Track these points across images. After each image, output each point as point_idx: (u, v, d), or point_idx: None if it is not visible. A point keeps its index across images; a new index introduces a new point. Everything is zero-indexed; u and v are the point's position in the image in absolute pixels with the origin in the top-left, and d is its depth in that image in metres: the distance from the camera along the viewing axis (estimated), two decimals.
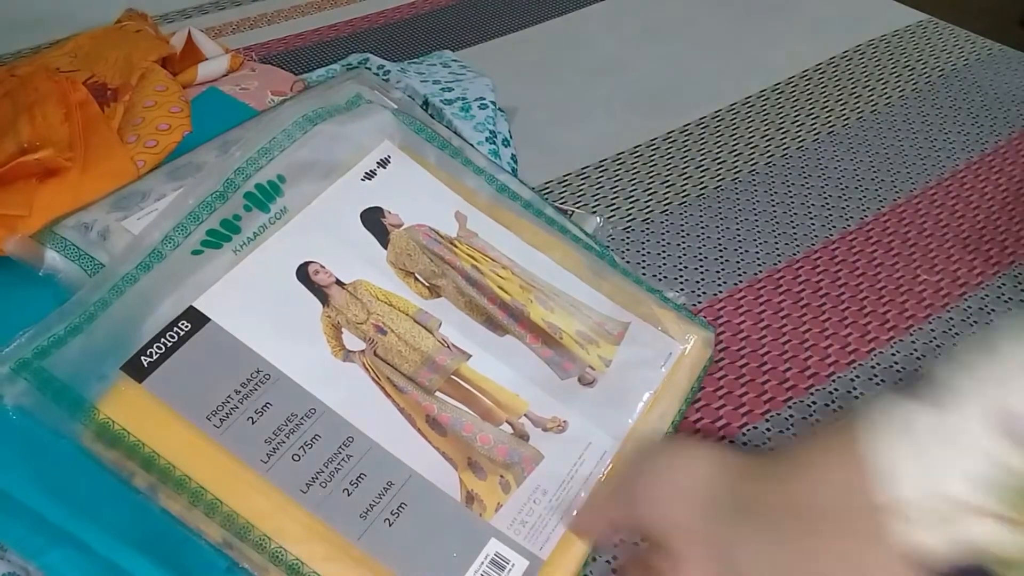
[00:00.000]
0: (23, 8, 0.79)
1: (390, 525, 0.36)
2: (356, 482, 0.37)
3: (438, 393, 0.41)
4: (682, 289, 0.55)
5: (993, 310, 0.57)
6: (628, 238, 0.60)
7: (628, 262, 0.54)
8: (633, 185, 0.65)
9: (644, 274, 0.56)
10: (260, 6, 0.84)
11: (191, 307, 0.39)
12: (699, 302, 0.56)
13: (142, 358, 0.37)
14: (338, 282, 0.43)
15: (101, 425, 0.36)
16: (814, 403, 0.51)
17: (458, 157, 0.50)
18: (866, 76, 0.78)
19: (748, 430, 0.49)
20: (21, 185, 0.48)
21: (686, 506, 0.33)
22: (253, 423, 0.37)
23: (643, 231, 0.61)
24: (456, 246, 0.47)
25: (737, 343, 0.54)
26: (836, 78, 0.78)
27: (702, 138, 0.70)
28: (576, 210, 0.59)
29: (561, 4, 0.87)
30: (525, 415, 0.42)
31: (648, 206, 0.63)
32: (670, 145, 0.69)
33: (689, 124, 0.72)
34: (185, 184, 0.46)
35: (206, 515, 0.35)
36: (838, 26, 0.85)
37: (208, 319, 0.39)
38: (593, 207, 0.63)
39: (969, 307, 0.57)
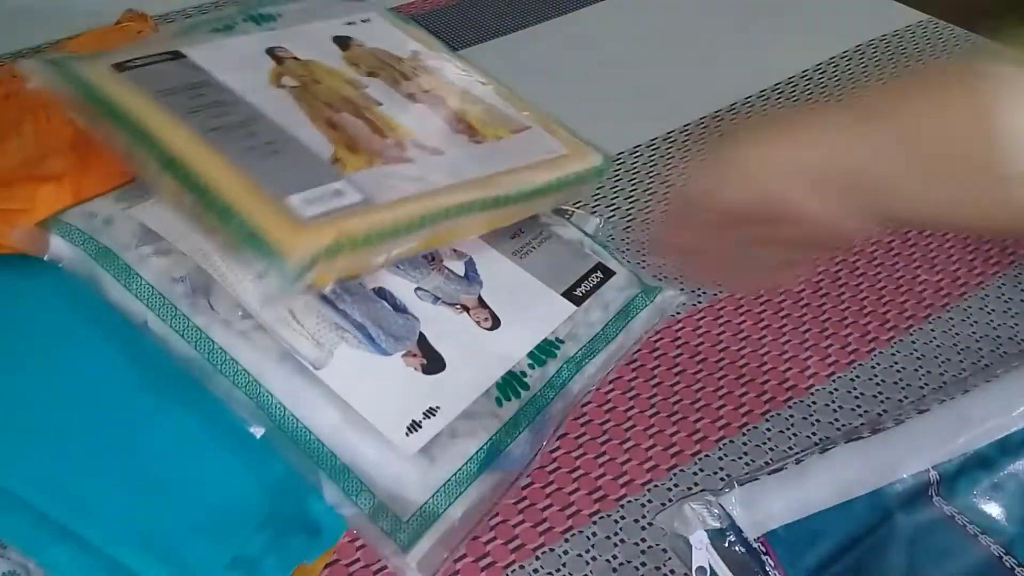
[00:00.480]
0: (23, 8, 0.80)
1: (262, 158, 0.44)
2: (248, 135, 0.45)
3: (344, 114, 0.49)
4: (682, 289, 0.55)
5: (993, 310, 0.57)
6: (628, 238, 0.60)
7: (628, 262, 0.54)
8: (633, 185, 0.65)
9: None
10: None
11: (176, 50, 0.50)
12: (700, 302, 0.56)
13: (127, 63, 0.48)
14: (294, 57, 0.53)
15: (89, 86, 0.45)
16: (814, 403, 0.51)
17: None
18: (866, 76, 0.78)
19: (748, 430, 0.49)
20: (24, 182, 0.48)
21: (806, 158, 0.34)
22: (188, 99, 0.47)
23: (643, 231, 0.61)
24: (402, 60, 0.57)
25: (737, 343, 0.54)
26: (836, 78, 0.78)
27: (702, 138, 0.70)
28: (576, 210, 0.59)
29: (561, 4, 0.87)
30: (411, 139, 0.49)
31: (648, 206, 0.63)
32: (670, 145, 0.69)
33: (689, 124, 0.72)
34: None
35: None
36: (838, 26, 0.85)
37: (185, 56, 0.50)
38: (593, 207, 0.63)
39: (969, 307, 0.57)
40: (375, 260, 0.43)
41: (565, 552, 0.43)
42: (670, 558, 0.43)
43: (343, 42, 0.56)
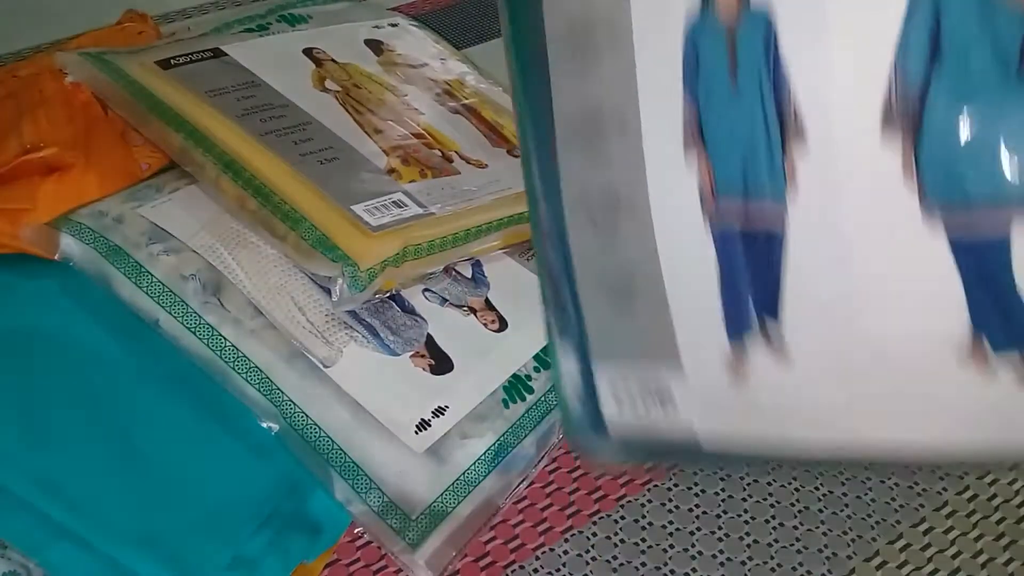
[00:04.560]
0: (23, 7, 0.79)
1: (321, 164, 0.46)
2: (304, 140, 0.47)
3: (390, 122, 0.51)
4: None
5: None
6: None
7: None
8: None
9: None
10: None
11: (217, 48, 0.51)
12: None
13: (171, 60, 0.49)
14: (333, 60, 0.54)
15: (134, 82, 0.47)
16: None
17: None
18: None
19: None
20: (25, 181, 0.48)
21: None
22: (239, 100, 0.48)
23: None
24: (433, 68, 0.58)
25: None
26: None
27: None
28: None
29: None
30: (456, 151, 0.51)
31: None
32: None
33: None
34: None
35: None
36: None
37: (226, 54, 0.51)
38: None
39: None
40: (431, 270, 0.45)
41: (565, 552, 0.43)
42: (671, 558, 0.44)
43: (376, 46, 0.57)
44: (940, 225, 0.29)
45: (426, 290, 0.47)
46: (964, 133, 0.28)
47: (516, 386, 0.45)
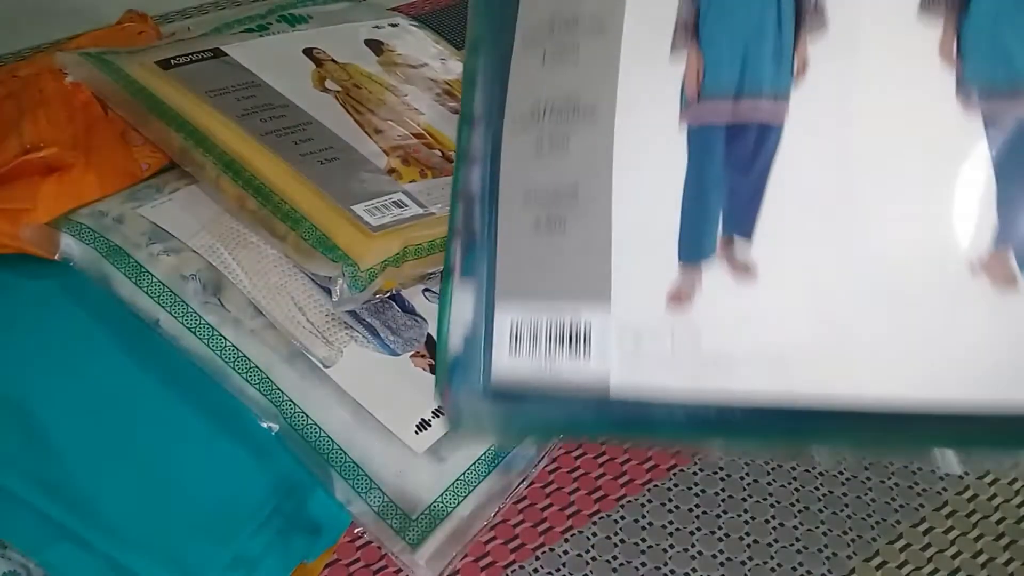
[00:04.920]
0: (23, 7, 0.79)
1: (321, 164, 0.45)
2: (304, 140, 0.46)
3: (390, 122, 0.51)
4: None
5: None
6: None
7: None
8: None
9: None
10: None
11: (217, 48, 0.51)
12: None
13: (171, 60, 0.49)
14: (333, 60, 0.54)
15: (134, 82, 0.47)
16: None
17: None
18: None
19: None
20: (25, 181, 0.48)
21: None
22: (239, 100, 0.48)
23: None
24: (433, 68, 0.58)
25: None
26: None
27: None
28: None
29: None
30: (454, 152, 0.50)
31: None
32: None
33: None
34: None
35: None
36: None
37: (227, 54, 0.51)
38: None
39: None
40: (431, 270, 0.45)
41: (565, 552, 0.43)
42: (671, 558, 0.44)
43: (376, 46, 0.57)
44: (977, 113, 0.26)
45: (426, 290, 0.47)
46: (1017, 13, 0.26)
47: None
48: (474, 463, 0.42)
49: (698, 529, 0.45)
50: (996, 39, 0.26)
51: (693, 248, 0.29)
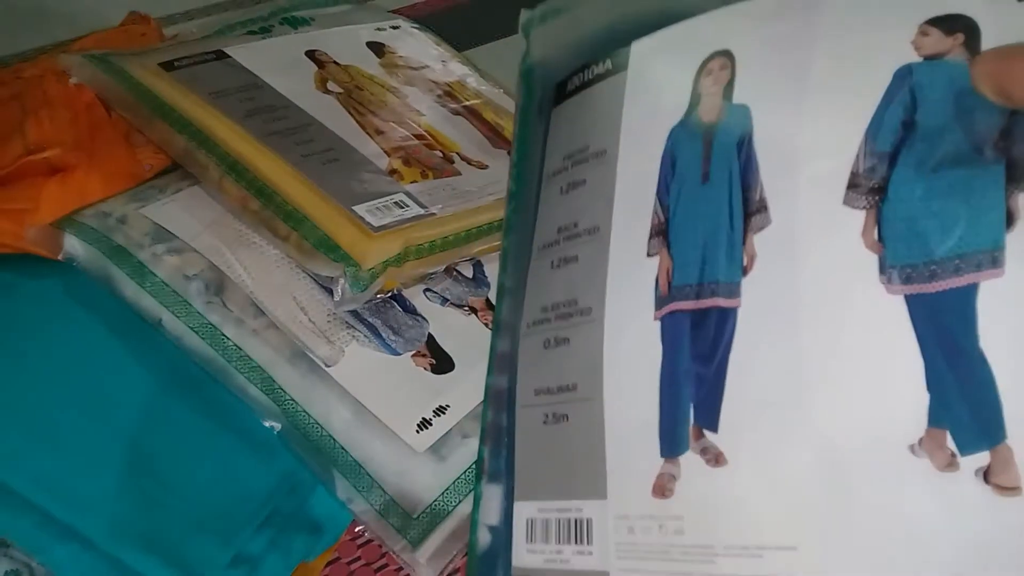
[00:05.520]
0: (26, 8, 0.79)
1: (323, 165, 0.46)
2: (306, 141, 0.47)
3: (391, 123, 0.51)
4: None
5: None
6: None
7: None
8: None
9: None
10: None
11: (219, 50, 0.51)
12: None
13: (174, 62, 0.49)
14: (335, 62, 0.54)
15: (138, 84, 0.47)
16: None
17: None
18: None
19: None
20: (28, 182, 0.48)
21: None
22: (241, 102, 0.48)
23: None
24: (434, 70, 0.59)
25: None
26: None
27: None
28: None
29: None
30: (457, 152, 0.52)
31: None
32: None
33: None
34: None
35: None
36: None
37: (229, 56, 0.51)
38: None
39: None
40: (432, 270, 0.45)
41: None
42: None
43: (378, 48, 0.58)
44: (899, 291, 0.28)
45: (427, 290, 0.47)
46: (930, 199, 0.28)
47: None
48: (475, 462, 0.42)
49: None
50: (911, 223, 0.28)
51: (670, 442, 0.31)
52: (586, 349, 0.34)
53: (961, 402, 0.26)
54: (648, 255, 0.33)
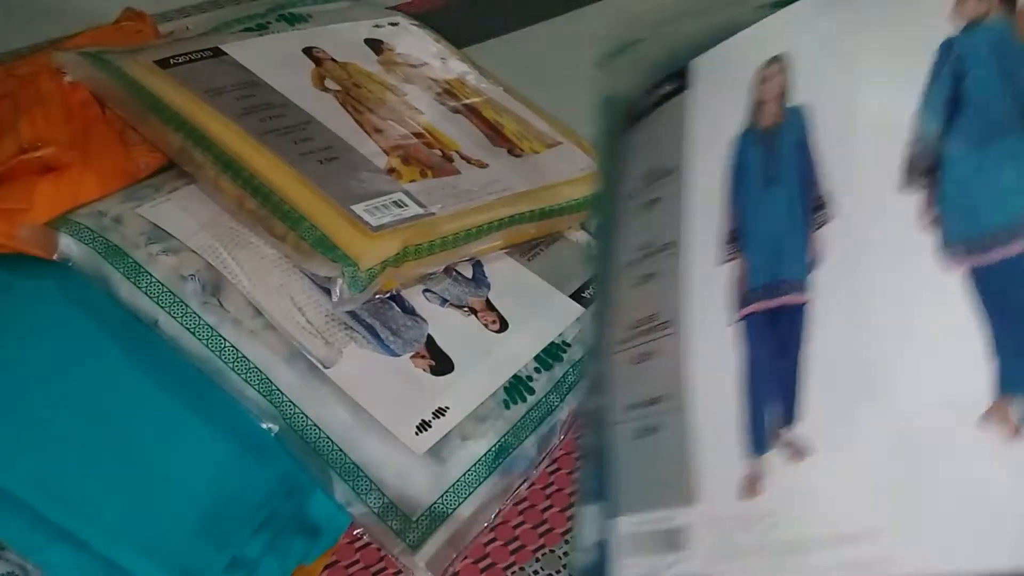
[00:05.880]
0: (21, 6, 0.79)
1: (321, 163, 0.46)
2: (303, 139, 0.46)
3: (390, 121, 0.51)
4: None
5: None
6: None
7: None
8: None
9: None
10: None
11: (216, 47, 0.50)
12: None
13: (170, 59, 0.49)
14: (333, 59, 0.54)
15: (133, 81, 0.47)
16: None
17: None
18: None
19: None
20: (22, 181, 0.48)
21: None
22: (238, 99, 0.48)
23: None
24: (433, 67, 0.59)
25: None
26: None
27: None
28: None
29: (561, 3, 0.87)
30: (456, 151, 0.51)
31: None
32: None
33: None
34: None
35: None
36: None
37: (226, 53, 0.50)
38: None
39: None
40: (431, 270, 0.45)
41: (565, 554, 0.43)
42: None
43: (376, 46, 0.57)
44: (961, 263, 0.29)
45: (426, 290, 0.47)
46: (983, 171, 0.29)
47: (517, 387, 0.45)
48: (474, 464, 0.42)
49: None
50: (967, 197, 0.29)
51: (755, 440, 0.32)
52: (669, 360, 0.35)
53: None
54: (720, 263, 0.35)
